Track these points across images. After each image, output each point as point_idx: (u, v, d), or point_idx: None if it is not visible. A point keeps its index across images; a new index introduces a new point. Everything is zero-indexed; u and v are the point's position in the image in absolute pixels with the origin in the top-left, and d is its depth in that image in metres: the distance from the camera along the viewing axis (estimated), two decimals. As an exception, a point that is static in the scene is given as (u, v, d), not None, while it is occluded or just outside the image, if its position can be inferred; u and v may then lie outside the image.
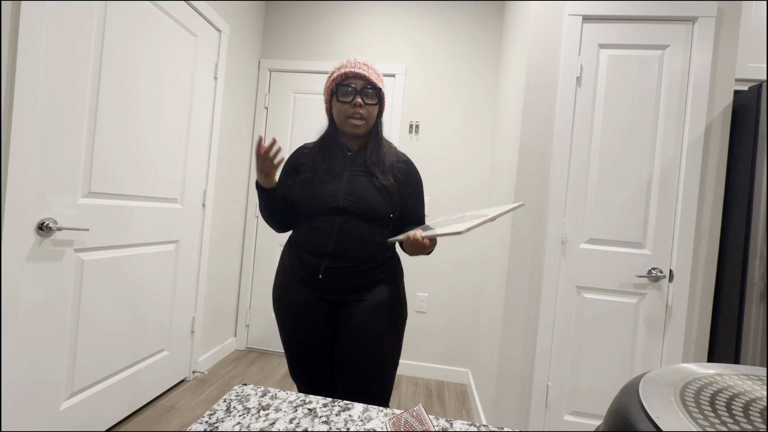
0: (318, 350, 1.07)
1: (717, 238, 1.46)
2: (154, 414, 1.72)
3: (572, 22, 1.51)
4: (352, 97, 1.03)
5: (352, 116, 1.04)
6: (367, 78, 1.03)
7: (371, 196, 1.03)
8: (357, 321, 1.04)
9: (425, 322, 2.39)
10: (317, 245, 1.03)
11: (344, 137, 1.11)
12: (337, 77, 1.04)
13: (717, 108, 1.46)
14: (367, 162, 1.07)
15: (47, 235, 1.24)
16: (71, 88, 1.28)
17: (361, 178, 1.05)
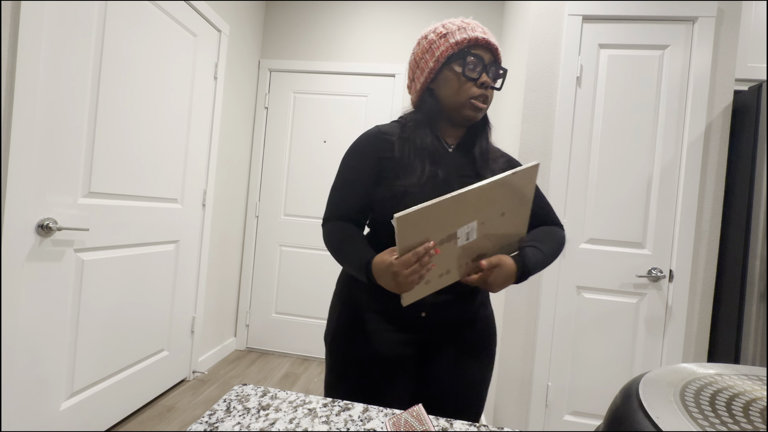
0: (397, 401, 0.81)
1: (717, 238, 1.46)
2: (154, 414, 1.72)
3: (572, 22, 1.51)
4: (480, 72, 0.75)
5: (477, 98, 0.76)
6: (496, 52, 0.78)
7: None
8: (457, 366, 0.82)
9: (425, 322, 2.39)
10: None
11: (446, 125, 0.82)
12: (461, 41, 0.75)
13: (717, 108, 1.46)
14: (478, 163, 0.81)
15: (47, 235, 1.24)
16: (71, 88, 1.28)
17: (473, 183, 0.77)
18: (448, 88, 0.77)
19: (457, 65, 0.75)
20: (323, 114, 2.49)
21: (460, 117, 0.78)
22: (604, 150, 1.51)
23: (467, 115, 0.77)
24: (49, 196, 1.24)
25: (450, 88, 0.77)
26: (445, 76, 0.77)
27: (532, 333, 1.55)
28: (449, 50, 0.75)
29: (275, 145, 2.54)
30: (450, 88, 0.77)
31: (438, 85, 0.78)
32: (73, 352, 1.38)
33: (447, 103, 0.78)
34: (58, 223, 1.26)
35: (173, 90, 1.76)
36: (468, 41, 0.75)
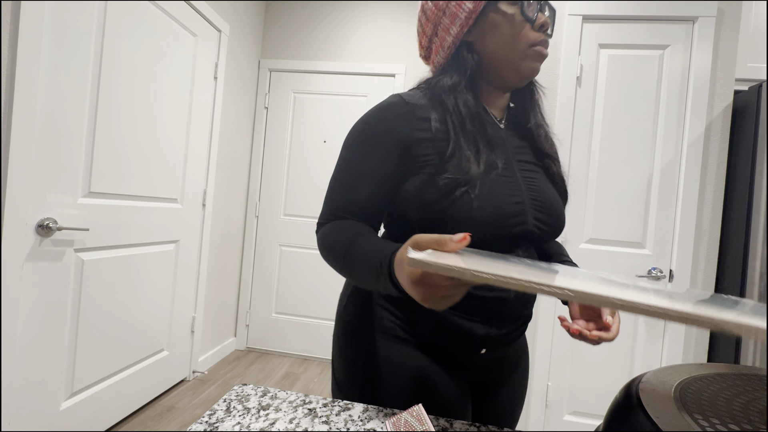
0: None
1: (717, 238, 1.46)
2: (154, 414, 1.72)
3: (572, 22, 1.51)
4: (536, 12, 0.57)
5: (540, 44, 0.57)
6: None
7: (560, 204, 0.62)
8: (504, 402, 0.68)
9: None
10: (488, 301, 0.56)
11: (489, 94, 0.63)
12: None
13: (717, 108, 1.46)
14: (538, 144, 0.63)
15: (47, 235, 1.24)
16: (71, 88, 1.28)
17: (537, 173, 0.62)
18: (498, 36, 0.57)
19: (507, 4, 0.56)
20: (323, 114, 2.49)
21: (518, 74, 0.59)
22: (604, 150, 1.51)
23: (529, 69, 0.58)
24: (49, 196, 1.24)
25: (502, 36, 0.57)
26: (491, 21, 0.57)
27: (532, 333, 1.55)
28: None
29: (275, 145, 2.54)
30: (501, 35, 0.57)
31: (480, 35, 0.59)
32: (73, 352, 1.38)
33: (500, 58, 0.58)
34: (58, 223, 1.26)
35: (173, 90, 1.76)
36: None
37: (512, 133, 0.63)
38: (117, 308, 1.55)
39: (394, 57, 2.44)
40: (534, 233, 0.57)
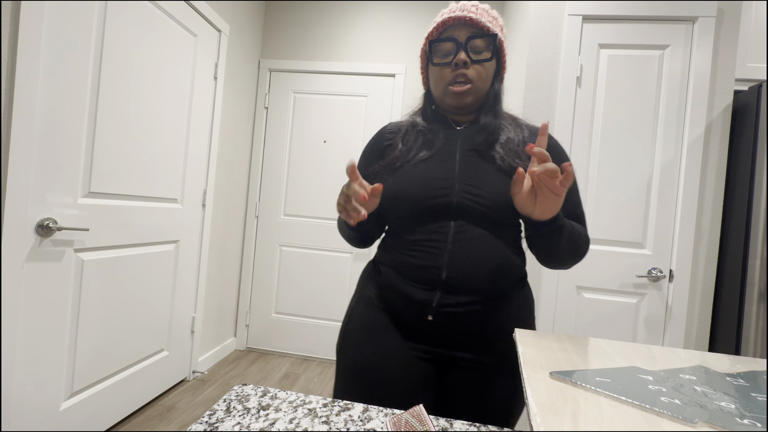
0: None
1: (717, 238, 1.46)
2: (154, 414, 1.72)
3: (572, 22, 1.51)
4: (452, 56, 0.69)
5: (452, 82, 0.70)
6: (475, 23, 0.69)
7: (501, 186, 0.68)
8: (477, 395, 0.69)
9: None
10: (424, 268, 0.68)
11: (449, 112, 0.78)
12: (432, 32, 0.72)
13: (717, 108, 1.46)
14: (480, 138, 0.72)
15: (47, 235, 1.24)
16: (71, 88, 1.28)
17: (482, 161, 0.71)
18: (432, 80, 0.75)
19: (435, 54, 0.72)
20: (323, 114, 2.49)
21: (448, 102, 0.73)
22: (604, 150, 1.51)
23: (450, 101, 0.73)
24: (49, 196, 1.24)
25: (432, 80, 0.75)
26: (430, 71, 0.75)
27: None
28: (425, 45, 0.74)
29: (275, 145, 2.54)
30: (432, 79, 0.75)
31: (430, 81, 0.77)
32: (73, 352, 1.38)
33: (435, 94, 0.76)
34: (58, 223, 1.26)
35: (173, 90, 1.76)
36: (437, 28, 0.71)
37: (470, 133, 0.75)
38: (117, 308, 1.55)
39: (394, 57, 2.44)
40: (467, 205, 0.68)
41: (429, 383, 0.70)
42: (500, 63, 0.74)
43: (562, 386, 0.53)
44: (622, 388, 0.53)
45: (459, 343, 0.70)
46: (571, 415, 0.45)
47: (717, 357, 0.73)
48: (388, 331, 0.72)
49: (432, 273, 0.67)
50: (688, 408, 0.48)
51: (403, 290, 0.70)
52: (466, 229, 0.67)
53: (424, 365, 0.70)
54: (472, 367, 0.70)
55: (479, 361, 0.70)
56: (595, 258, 1.51)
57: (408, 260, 0.70)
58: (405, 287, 0.69)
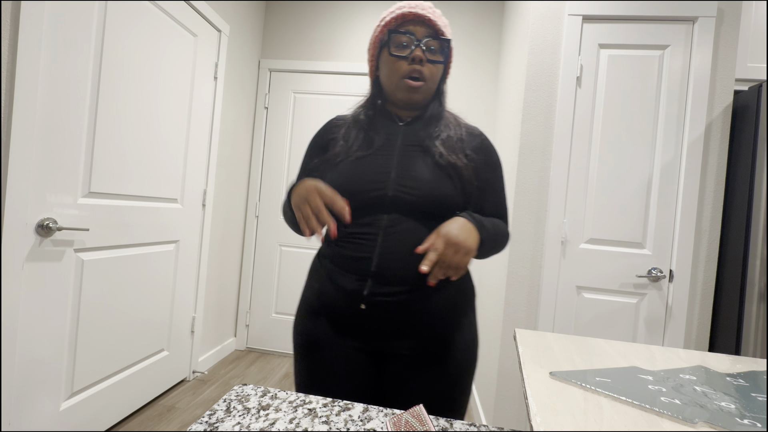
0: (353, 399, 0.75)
1: (717, 238, 1.46)
2: (154, 414, 1.72)
3: (572, 22, 1.51)
4: (410, 50, 0.72)
5: (409, 75, 0.73)
6: (432, 24, 0.73)
7: (438, 181, 0.71)
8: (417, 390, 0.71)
9: (425, 322, 2.39)
10: (357, 259, 0.71)
11: (395, 107, 0.80)
12: (390, 21, 0.74)
13: (717, 108, 1.46)
14: (421, 135, 0.76)
15: (47, 235, 1.24)
16: (71, 88, 1.28)
17: (421, 156, 0.74)
18: (385, 69, 0.76)
19: (392, 45, 0.74)
20: (323, 114, 2.49)
21: (401, 95, 0.76)
22: (604, 150, 1.51)
23: (403, 94, 0.75)
24: (49, 196, 1.24)
25: (386, 69, 0.76)
26: (382, 60, 0.77)
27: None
28: (381, 33, 0.75)
29: (275, 145, 2.54)
30: (386, 68, 0.76)
31: (380, 71, 0.79)
32: (73, 352, 1.38)
33: (387, 84, 0.77)
34: (58, 223, 1.26)
35: (173, 90, 1.76)
36: (395, 19, 0.73)
37: (412, 127, 0.78)
38: (117, 308, 1.55)
39: (394, 57, 2.44)
40: (401, 197, 0.70)
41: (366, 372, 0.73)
42: (447, 67, 0.80)
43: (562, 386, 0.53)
44: (622, 388, 0.53)
45: (391, 332, 0.72)
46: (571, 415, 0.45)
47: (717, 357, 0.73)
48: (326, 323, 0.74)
49: (364, 264, 0.70)
50: (688, 408, 0.48)
51: (339, 281, 0.73)
52: (399, 221, 0.71)
53: (361, 355, 0.73)
54: (408, 356, 0.72)
55: (413, 348, 0.72)
56: (595, 258, 1.51)
57: (344, 252, 0.73)
58: (341, 278, 0.72)
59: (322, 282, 0.76)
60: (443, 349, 0.73)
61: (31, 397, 1.24)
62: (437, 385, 0.72)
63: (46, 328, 1.27)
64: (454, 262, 0.63)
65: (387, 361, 0.74)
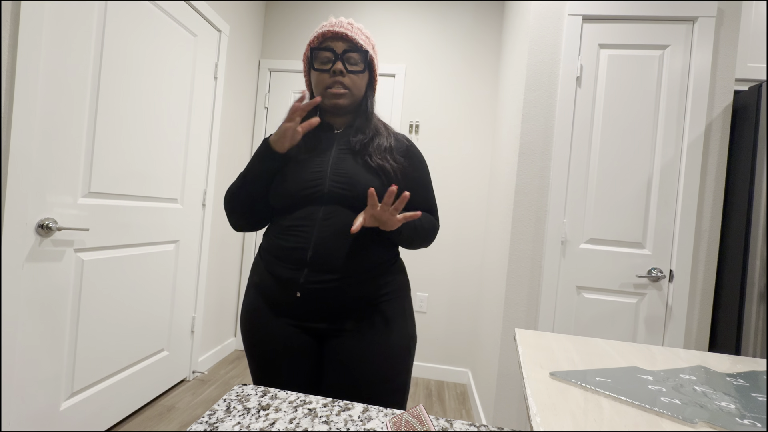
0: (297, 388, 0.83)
1: (717, 238, 1.46)
2: (154, 414, 1.72)
3: (572, 22, 1.51)
4: (331, 63, 0.82)
5: (330, 86, 0.83)
6: (350, 39, 0.82)
7: (366, 179, 0.81)
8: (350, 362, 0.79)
9: (425, 322, 2.39)
10: (293, 250, 0.78)
11: (328, 115, 0.89)
12: (313, 40, 0.84)
13: (717, 108, 1.46)
14: (353, 141, 0.85)
15: (47, 235, 1.24)
16: (71, 88, 1.28)
17: (351, 158, 0.84)
18: (313, 81, 0.87)
19: (316, 61, 0.84)
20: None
21: (326, 103, 0.85)
22: (604, 150, 1.51)
23: (328, 102, 0.85)
24: (49, 196, 1.24)
25: (314, 81, 0.86)
26: (312, 75, 0.86)
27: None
28: (307, 51, 0.86)
29: (275, 145, 2.54)
30: (313, 81, 0.86)
31: (312, 83, 0.88)
32: (73, 352, 1.38)
33: (315, 95, 0.87)
34: (58, 223, 1.26)
35: (173, 90, 1.76)
36: (317, 37, 0.83)
37: (345, 134, 0.88)
38: (117, 308, 1.55)
39: (394, 57, 2.44)
40: (336, 193, 0.79)
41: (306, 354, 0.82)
42: (372, 75, 0.89)
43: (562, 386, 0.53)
44: (622, 388, 0.53)
45: (327, 314, 0.80)
46: (571, 415, 0.45)
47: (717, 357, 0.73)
48: (267, 311, 0.83)
49: (300, 254, 0.78)
50: (688, 408, 0.48)
51: (276, 272, 0.80)
52: (334, 213, 0.79)
53: (301, 338, 0.82)
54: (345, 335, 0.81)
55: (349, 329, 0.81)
56: (595, 258, 1.51)
57: (282, 244, 0.81)
58: (278, 269, 0.80)
59: (261, 275, 0.84)
60: (377, 330, 0.81)
61: (31, 397, 1.24)
62: (373, 364, 0.79)
63: (46, 328, 1.27)
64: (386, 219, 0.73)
65: (326, 339, 0.83)
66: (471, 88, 2.38)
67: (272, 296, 0.82)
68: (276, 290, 0.81)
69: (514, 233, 1.56)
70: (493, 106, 2.36)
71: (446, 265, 2.38)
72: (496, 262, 1.83)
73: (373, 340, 0.80)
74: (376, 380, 0.80)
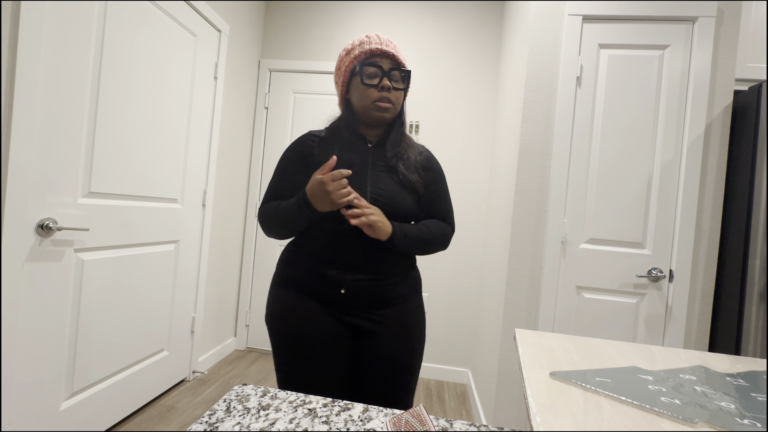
0: (329, 379, 0.89)
1: (717, 238, 1.46)
2: (154, 414, 1.72)
3: (572, 22, 1.51)
4: (379, 79, 0.88)
5: (379, 100, 0.89)
6: (395, 58, 0.90)
7: (402, 196, 0.91)
8: (382, 347, 0.91)
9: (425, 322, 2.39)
10: (340, 254, 0.89)
11: (364, 127, 0.96)
12: (359, 54, 0.89)
13: (717, 108, 1.46)
14: (388, 155, 0.93)
15: (47, 235, 1.24)
16: (71, 88, 1.28)
17: (387, 175, 0.92)
18: (356, 94, 0.92)
19: (364, 75, 0.89)
20: (323, 114, 2.49)
21: (370, 119, 0.92)
22: (604, 150, 1.51)
23: (375, 117, 0.91)
24: (49, 196, 1.24)
25: (357, 95, 0.92)
26: (353, 86, 0.92)
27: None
28: (351, 64, 0.91)
29: (275, 145, 2.54)
30: (357, 95, 0.91)
31: (350, 95, 0.94)
32: (73, 352, 1.38)
33: (358, 107, 0.92)
34: (58, 223, 1.26)
35: (173, 90, 1.76)
36: (365, 53, 0.89)
37: (378, 147, 0.95)
38: (117, 308, 1.55)
39: (394, 57, 2.44)
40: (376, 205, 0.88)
41: (342, 344, 0.91)
42: (405, 92, 0.96)
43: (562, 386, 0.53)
44: (622, 388, 0.53)
45: (363, 310, 0.91)
46: (571, 415, 0.45)
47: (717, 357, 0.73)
48: (310, 304, 0.90)
49: (346, 257, 0.88)
50: (688, 408, 0.48)
51: (322, 270, 0.89)
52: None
53: (339, 327, 0.91)
54: (377, 326, 0.92)
55: (380, 322, 0.92)
56: (595, 258, 1.51)
57: (328, 247, 0.89)
58: (324, 268, 0.89)
59: (299, 270, 0.92)
60: (403, 320, 0.94)
61: (31, 397, 1.24)
62: (401, 350, 0.92)
63: (46, 328, 1.27)
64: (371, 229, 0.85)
65: (361, 331, 0.92)
66: (471, 88, 2.38)
67: (315, 291, 0.90)
68: (320, 286, 0.89)
69: (514, 233, 1.56)
70: (493, 106, 2.36)
71: (446, 265, 2.38)
72: (496, 262, 1.83)
73: (401, 329, 0.93)
74: (404, 364, 0.93)
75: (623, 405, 0.48)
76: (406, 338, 0.94)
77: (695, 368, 0.65)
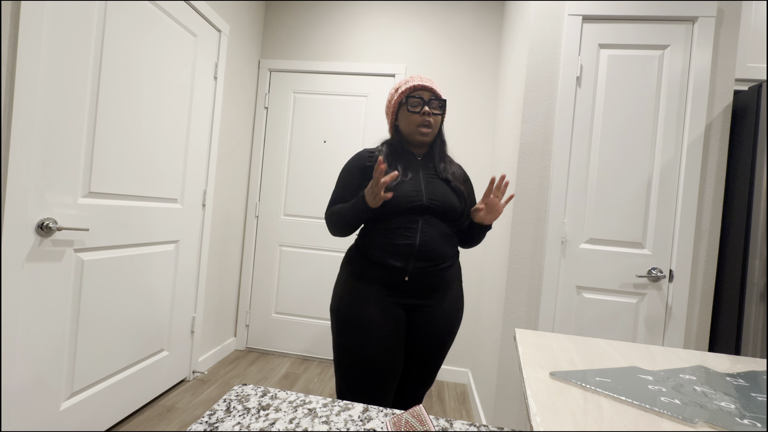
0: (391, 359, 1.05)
1: (717, 238, 1.46)
2: (154, 414, 1.72)
3: (572, 22, 1.51)
4: (421, 107, 1.10)
5: (421, 125, 1.11)
6: (433, 90, 1.12)
7: (450, 196, 1.11)
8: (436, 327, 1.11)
9: (425, 322, 2.39)
10: (402, 246, 1.05)
11: (410, 146, 1.18)
12: (405, 90, 1.12)
13: (717, 108, 1.46)
14: (438, 168, 1.16)
15: (47, 235, 1.24)
16: (71, 88, 1.28)
17: (437, 180, 1.13)
18: (403, 121, 1.14)
19: (409, 105, 1.12)
20: (323, 114, 2.49)
21: (415, 140, 1.14)
22: (604, 150, 1.51)
23: (419, 138, 1.13)
24: (49, 196, 1.24)
25: (405, 121, 1.14)
26: (401, 115, 1.15)
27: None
28: (399, 98, 1.14)
29: (275, 145, 2.54)
30: (405, 121, 1.14)
31: (399, 122, 1.16)
32: (73, 352, 1.38)
33: (406, 131, 1.15)
34: (58, 223, 1.26)
35: (173, 90, 1.76)
36: (411, 88, 1.12)
37: (425, 160, 1.18)
38: (117, 308, 1.55)
39: (394, 57, 2.44)
40: (431, 207, 1.08)
41: (402, 321, 1.09)
42: (442, 117, 1.17)
43: (562, 386, 0.53)
44: (622, 388, 0.53)
45: (422, 294, 1.10)
46: (571, 415, 0.45)
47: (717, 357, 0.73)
48: (377, 292, 1.08)
49: (408, 249, 1.05)
50: (688, 408, 0.48)
51: (387, 262, 1.06)
52: (429, 220, 1.08)
53: (399, 311, 1.09)
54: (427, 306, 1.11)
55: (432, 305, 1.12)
56: (595, 258, 1.51)
57: (391, 241, 1.07)
58: (388, 259, 1.06)
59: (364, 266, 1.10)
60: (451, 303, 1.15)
61: (31, 397, 1.24)
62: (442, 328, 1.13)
63: (46, 328, 1.27)
64: (491, 214, 1.10)
65: (415, 311, 1.11)
66: (471, 88, 2.38)
67: (381, 281, 1.07)
68: (386, 276, 1.07)
69: (514, 233, 1.56)
70: (493, 106, 2.36)
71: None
72: (496, 262, 1.83)
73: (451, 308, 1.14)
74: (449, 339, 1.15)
75: (623, 405, 0.48)
76: (452, 312, 1.15)
77: (695, 368, 0.65)
